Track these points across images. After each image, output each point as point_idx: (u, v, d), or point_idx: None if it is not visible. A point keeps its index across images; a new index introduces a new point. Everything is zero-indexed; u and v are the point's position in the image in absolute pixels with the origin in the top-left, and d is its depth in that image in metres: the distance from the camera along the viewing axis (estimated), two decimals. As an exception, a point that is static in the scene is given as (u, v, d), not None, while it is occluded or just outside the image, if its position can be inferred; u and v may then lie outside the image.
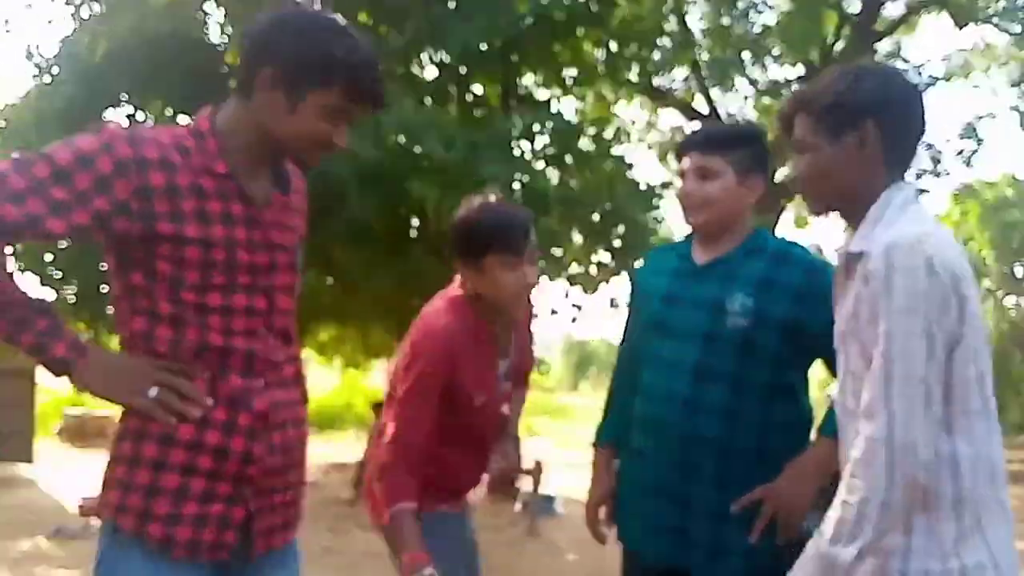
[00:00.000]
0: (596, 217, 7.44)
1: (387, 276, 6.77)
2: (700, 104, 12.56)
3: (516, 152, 7.06)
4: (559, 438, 15.96)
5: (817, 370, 2.04)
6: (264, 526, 1.48)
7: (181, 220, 1.36)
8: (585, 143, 7.72)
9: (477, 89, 7.76)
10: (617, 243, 7.71)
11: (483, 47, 6.61)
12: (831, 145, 1.47)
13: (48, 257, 7.64)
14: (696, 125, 13.36)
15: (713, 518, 1.86)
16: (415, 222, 7.39)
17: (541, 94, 8.18)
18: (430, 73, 7.62)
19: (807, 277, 1.87)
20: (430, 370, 1.93)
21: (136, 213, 1.33)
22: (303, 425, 1.55)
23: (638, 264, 7.66)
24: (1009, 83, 12.70)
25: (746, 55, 10.99)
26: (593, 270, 8.01)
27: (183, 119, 6.67)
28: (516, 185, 6.53)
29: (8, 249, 1.39)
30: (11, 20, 8.30)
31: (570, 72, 8.06)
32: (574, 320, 8.46)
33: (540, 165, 7.21)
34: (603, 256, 8.01)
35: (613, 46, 7.97)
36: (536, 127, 7.19)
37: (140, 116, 7.05)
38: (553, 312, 8.28)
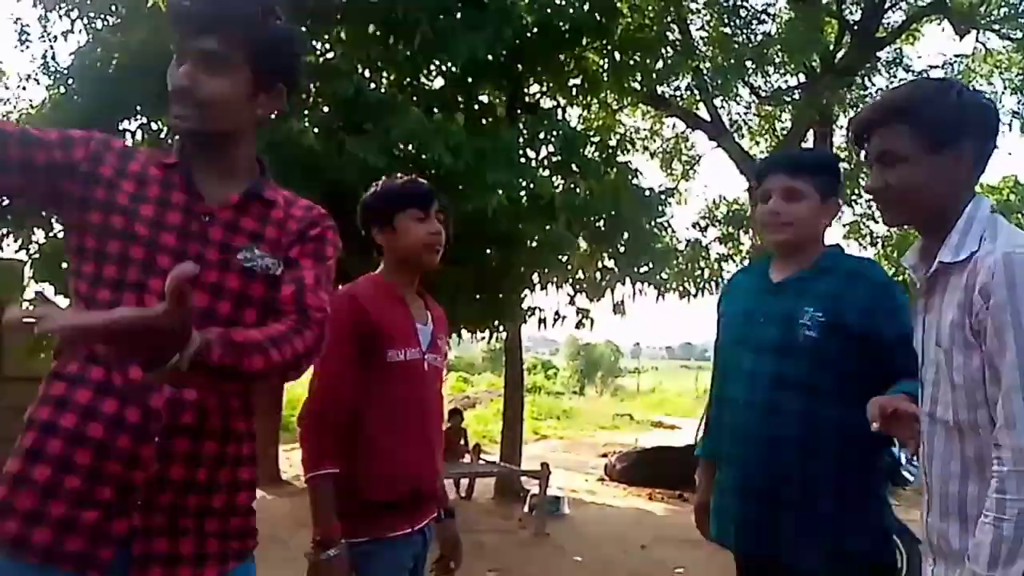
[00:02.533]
0: (601, 224, 7.55)
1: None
2: (702, 112, 12.68)
3: (522, 160, 7.17)
4: (565, 441, 16.04)
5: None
6: (157, 551, 1.29)
7: (114, 190, 1.35)
8: (590, 151, 7.84)
9: (483, 98, 7.88)
10: (622, 249, 7.82)
11: (489, 57, 6.72)
12: (930, 158, 1.46)
13: (65, 265, 7.77)
14: (699, 133, 13.47)
15: (799, 512, 2.01)
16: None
17: (546, 103, 8.29)
18: (437, 83, 7.74)
19: (874, 292, 2.02)
20: (339, 324, 1.92)
21: (82, 175, 1.34)
22: (236, 442, 1.39)
23: (637, 270, 7.77)
24: (1010, 89, 12.79)
25: (748, 63, 11.09)
26: (598, 276, 8.10)
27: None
28: (522, 192, 6.63)
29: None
30: (27, 31, 8.37)
31: (574, 81, 8.16)
32: (579, 325, 8.52)
33: (545, 173, 7.32)
34: (608, 262, 8.12)
35: (617, 55, 8.08)
36: (541, 135, 7.30)
37: (154, 127, 7.16)
38: (559, 317, 8.36)
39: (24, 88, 9.33)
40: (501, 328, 8.81)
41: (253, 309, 1.39)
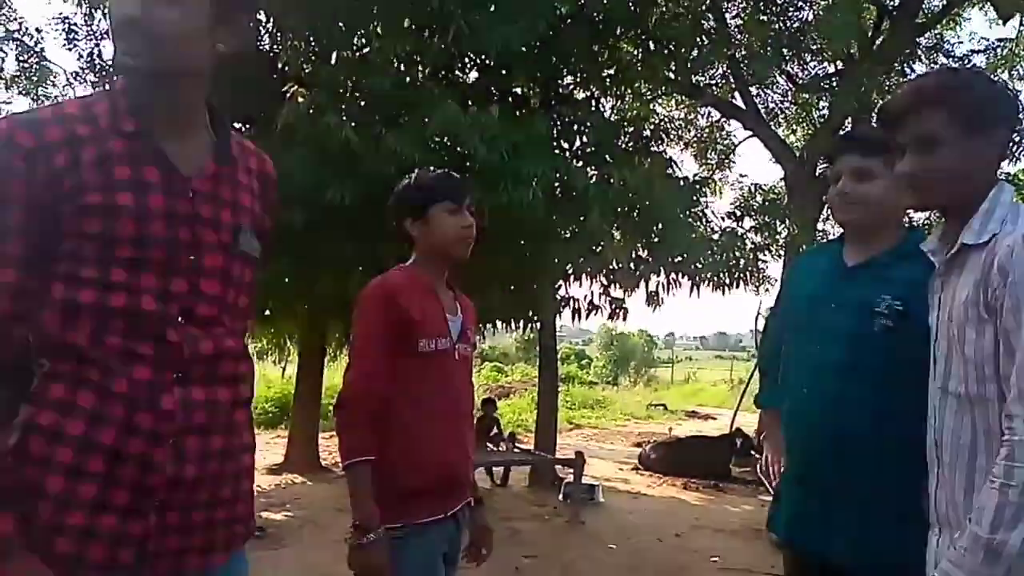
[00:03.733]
0: (635, 214, 7.54)
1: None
2: (738, 100, 12.56)
3: (556, 151, 7.20)
4: (599, 430, 16.06)
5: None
6: (169, 547, 1.27)
7: (81, 193, 1.20)
8: (624, 141, 7.83)
9: (517, 90, 7.91)
10: (656, 239, 7.81)
11: (523, 49, 6.75)
12: (966, 142, 1.49)
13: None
14: (735, 122, 13.34)
15: (859, 508, 1.91)
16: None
17: (580, 93, 8.29)
18: (472, 75, 7.79)
19: None
20: (373, 315, 2.05)
21: (49, 202, 1.20)
22: (238, 433, 1.36)
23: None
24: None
25: (784, 50, 10.95)
26: (632, 266, 8.10)
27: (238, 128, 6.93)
28: (556, 183, 6.66)
29: None
30: (75, 30, 8.58)
31: (608, 71, 8.15)
32: (613, 316, 8.53)
33: (579, 164, 7.33)
34: (642, 252, 8.11)
35: (651, 45, 8.05)
36: (575, 126, 7.32)
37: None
38: (593, 307, 8.38)
39: (71, 86, 9.55)
40: (535, 319, 8.86)
41: (246, 295, 1.38)
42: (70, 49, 8.73)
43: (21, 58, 9.81)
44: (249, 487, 1.42)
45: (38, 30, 10.16)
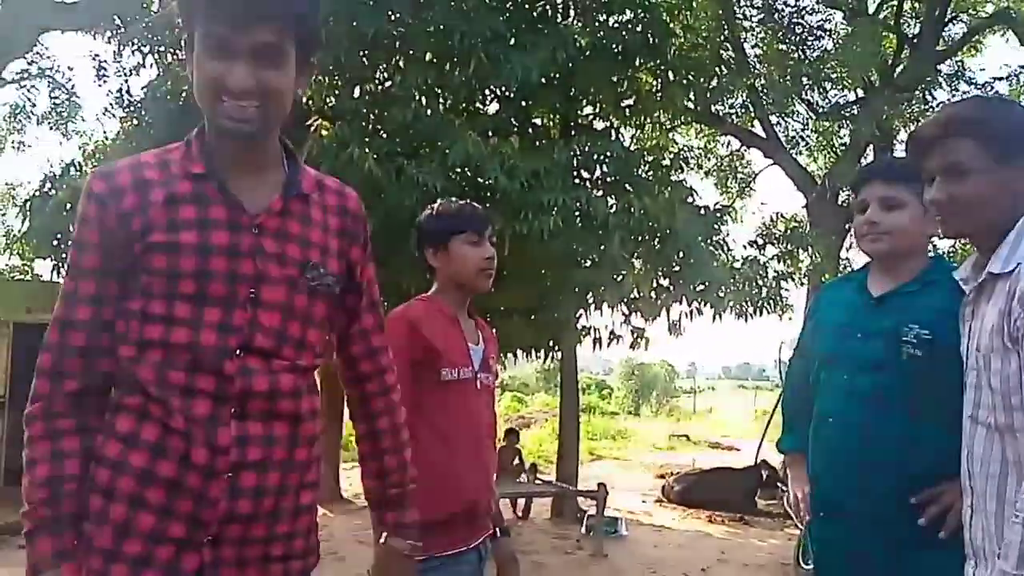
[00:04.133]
0: (656, 242, 7.53)
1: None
2: (758, 129, 12.57)
3: (576, 180, 7.22)
4: (621, 461, 15.89)
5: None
6: None
7: (149, 231, 1.27)
8: (644, 170, 7.85)
9: (537, 120, 7.97)
10: (677, 268, 7.78)
11: (543, 80, 6.81)
12: (996, 172, 1.49)
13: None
14: (755, 151, 13.34)
15: (891, 540, 1.89)
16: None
17: (599, 123, 8.34)
18: (492, 107, 7.87)
19: None
20: (395, 344, 1.95)
21: (121, 242, 1.27)
22: (298, 470, 1.35)
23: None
24: (1080, 100, 12.37)
25: (804, 79, 10.98)
26: (653, 295, 8.07)
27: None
28: (576, 212, 6.68)
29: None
30: (104, 67, 8.80)
31: (627, 101, 8.20)
32: (634, 345, 8.48)
33: (599, 193, 7.35)
34: (663, 281, 8.08)
35: (670, 75, 8.09)
36: (595, 155, 7.35)
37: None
38: (614, 336, 8.34)
39: (99, 122, 9.78)
40: (556, 348, 8.83)
41: (316, 330, 1.38)
42: (100, 85, 8.94)
43: (53, 95, 10.05)
44: (308, 523, 1.41)
45: (70, 67, 10.42)
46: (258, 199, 1.32)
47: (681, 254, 7.60)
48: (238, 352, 1.28)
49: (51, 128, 12.04)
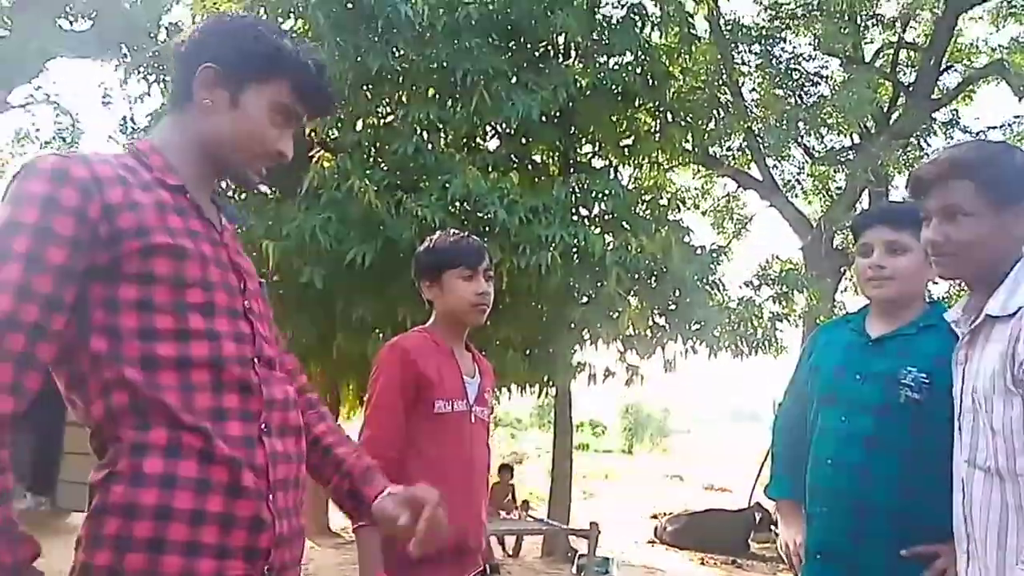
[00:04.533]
0: (652, 281, 7.56)
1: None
2: (754, 171, 12.70)
3: (574, 217, 7.28)
4: (614, 500, 15.75)
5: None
6: None
7: (148, 232, 1.16)
8: (641, 209, 7.91)
9: (537, 157, 8.06)
10: (673, 306, 7.80)
11: (543, 118, 6.90)
12: (994, 215, 1.50)
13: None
14: (751, 193, 13.46)
15: None
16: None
17: (598, 162, 8.42)
18: (492, 143, 7.95)
19: None
20: (389, 374, 2.05)
21: (104, 238, 1.13)
22: (302, 487, 1.30)
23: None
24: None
25: (801, 124, 11.13)
26: (648, 333, 8.08)
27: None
28: (574, 249, 6.72)
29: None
30: (109, 94, 8.90)
31: (626, 141, 8.30)
32: (629, 382, 8.46)
33: (597, 230, 7.41)
34: (659, 319, 8.09)
35: (668, 116, 8.21)
36: (593, 193, 7.42)
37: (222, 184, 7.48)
38: (608, 373, 8.32)
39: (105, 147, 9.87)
40: (551, 383, 8.81)
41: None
42: (106, 107, 9.03)
43: (57, 120, 10.14)
44: (303, 546, 1.35)
45: (75, 94, 10.54)
46: (212, 216, 1.31)
47: (677, 292, 7.63)
48: (255, 360, 1.24)
49: (54, 154, 12.07)
